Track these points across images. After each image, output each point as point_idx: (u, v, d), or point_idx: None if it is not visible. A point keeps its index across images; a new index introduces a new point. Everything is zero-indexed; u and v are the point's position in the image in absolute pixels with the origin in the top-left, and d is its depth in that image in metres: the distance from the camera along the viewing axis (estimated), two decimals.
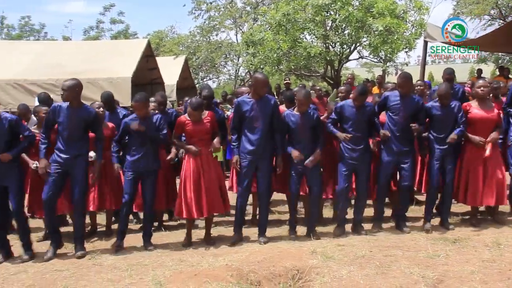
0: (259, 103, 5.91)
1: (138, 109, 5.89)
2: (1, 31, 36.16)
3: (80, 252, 5.67)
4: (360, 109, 6.07)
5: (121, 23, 36.30)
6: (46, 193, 5.61)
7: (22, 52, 12.50)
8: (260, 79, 5.92)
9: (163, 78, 15.07)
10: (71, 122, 5.62)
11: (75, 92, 5.66)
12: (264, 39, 13.26)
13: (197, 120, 5.86)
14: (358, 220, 6.27)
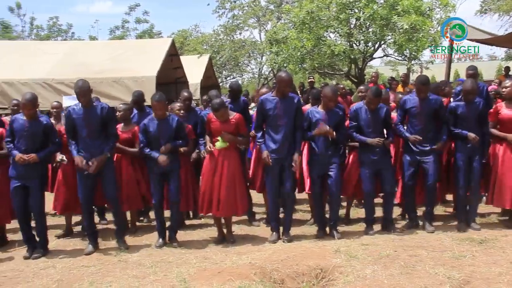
0: (283, 101, 5.89)
1: (157, 109, 5.92)
2: (31, 32, 36.87)
3: (123, 246, 5.87)
4: (374, 111, 6.05)
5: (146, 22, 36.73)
6: (82, 196, 5.76)
7: (50, 52, 12.70)
8: (284, 78, 5.88)
9: (187, 77, 15.15)
10: (86, 122, 5.70)
11: (90, 92, 5.75)
12: (288, 37, 13.24)
13: (223, 120, 5.86)
14: (388, 219, 6.24)
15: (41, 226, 5.86)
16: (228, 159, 5.85)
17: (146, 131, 5.94)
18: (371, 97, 6.03)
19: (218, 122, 5.85)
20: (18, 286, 4.81)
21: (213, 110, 5.83)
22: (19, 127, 5.68)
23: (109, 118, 5.82)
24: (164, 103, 5.96)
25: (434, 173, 6.09)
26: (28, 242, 5.83)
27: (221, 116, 5.82)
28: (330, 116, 5.96)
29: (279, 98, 5.90)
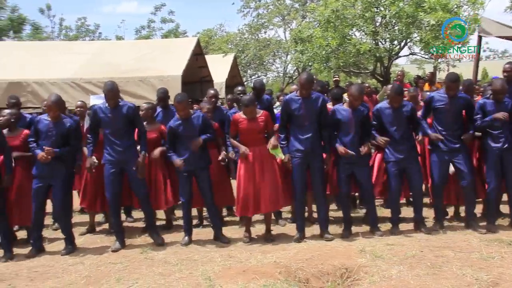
0: (307, 101, 5.89)
1: (180, 110, 5.96)
2: (60, 32, 37.56)
3: (159, 241, 5.98)
4: (397, 109, 5.99)
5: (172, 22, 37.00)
6: (109, 194, 5.86)
7: (78, 52, 12.90)
8: (304, 79, 5.88)
9: (212, 76, 15.22)
10: (112, 121, 5.80)
11: (117, 93, 5.85)
12: (313, 36, 13.18)
13: (251, 117, 5.87)
14: (419, 219, 6.18)
15: (65, 224, 5.97)
16: (263, 158, 5.87)
17: (172, 133, 6.00)
18: (393, 95, 5.98)
19: (246, 121, 5.86)
20: (48, 281, 4.91)
21: (244, 106, 5.82)
22: (44, 127, 5.80)
23: (135, 116, 5.91)
24: (186, 103, 6.00)
25: (469, 172, 5.99)
26: (35, 242, 5.91)
27: (250, 113, 5.83)
28: (356, 114, 5.94)
29: (303, 98, 5.90)
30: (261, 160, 5.86)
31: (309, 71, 11.80)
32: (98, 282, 4.82)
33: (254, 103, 5.88)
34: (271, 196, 5.84)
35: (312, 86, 6.06)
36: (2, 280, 4.99)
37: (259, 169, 5.82)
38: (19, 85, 10.88)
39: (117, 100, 5.85)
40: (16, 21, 31.65)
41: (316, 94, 6.07)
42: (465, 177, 5.98)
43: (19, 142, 6.10)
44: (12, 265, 5.46)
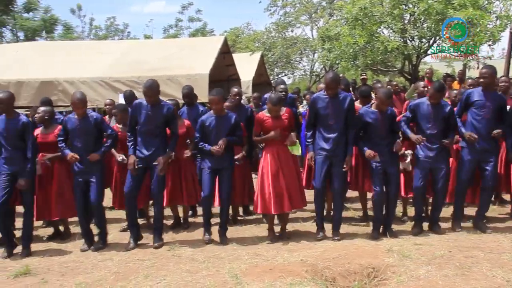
0: (334, 100, 5.87)
1: (214, 104, 6.00)
2: (90, 32, 38.22)
3: (157, 243, 5.90)
4: (436, 107, 5.89)
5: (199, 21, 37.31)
6: (127, 188, 5.90)
7: (108, 51, 13.11)
8: (329, 79, 5.85)
9: (239, 74, 15.28)
10: (150, 119, 5.84)
11: (157, 91, 5.86)
12: (340, 34, 13.14)
13: (276, 116, 5.88)
14: (435, 219, 6.10)
15: (100, 219, 6.06)
16: (285, 157, 5.88)
17: (203, 126, 6.02)
18: (433, 92, 5.88)
19: (270, 119, 5.86)
20: (79, 276, 5.01)
21: (272, 104, 5.78)
22: (72, 126, 5.90)
23: (173, 117, 5.94)
24: (221, 98, 6.02)
25: (494, 176, 5.92)
26: (86, 236, 6.06)
27: (276, 111, 5.83)
28: (384, 116, 5.89)
29: (330, 97, 5.88)
30: (285, 158, 5.86)
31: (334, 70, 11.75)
32: (127, 278, 4.89)
33: (282, 101, 5.89)
34: (293, 195, 5.84)
35: (338, 85, 6.01)
36: (35, 275, 5.11)
37: (282, 167, 5.82)
38: (51, 84, 11.11)
39: (157, 98, 5.86)
40: (49, 21, 32.38)
41: (344, 94, 6.04)
42: (489, 179, 5.92)
43: (54, 138, 6.23)
44: (45, 260, 5.58)
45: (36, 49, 13.86)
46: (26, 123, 5.87)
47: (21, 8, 30.36)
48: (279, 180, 5.80)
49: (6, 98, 5.78)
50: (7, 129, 5.78)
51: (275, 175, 5.80)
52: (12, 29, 31.66)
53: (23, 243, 5.93)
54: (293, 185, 5.86)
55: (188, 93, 7.19)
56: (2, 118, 5.85)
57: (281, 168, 5.82)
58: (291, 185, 5.84)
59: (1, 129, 5.79)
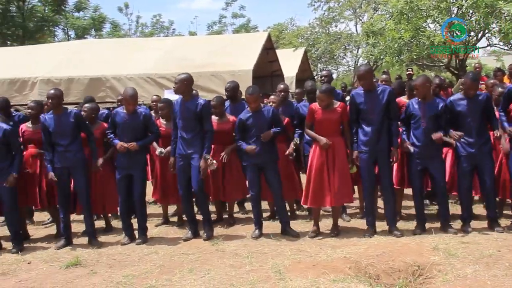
0: (371, 94, 5.83)
1: (251, 102, 6.02)
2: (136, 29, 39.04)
3: (206, 235, 6.03)
4: (473, 99, 5.74)
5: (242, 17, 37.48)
6: (179, 186, 6.03)
7: (153, 48, 13.33)
8: (361, 72, 5.88)
9: (283, 70, 15.25)
10: (184, 114, 5.94)
11: (185, 85, 5.96)
12: (385, 28, 12.91)
13: (327, 106, 5.82)
14: (492, 217, 5.95)
15: (142, 214, 6.19)
16: (338, 149, 5.83)
17: (242, 124, 6.07)
18: (468, 81, 5.75)
19: (321, 111, 5.80)
20: (126, 269, 5.14)
21: (320, 92, 5.76)
22: (120, 120, 6.05)
23: (205, 113, 5.97)
24: (257, 96, 6.04)
25: None
26: (127, 230, 6.19)
27: (324, 100, 5.76)
28: (429, 107, 5.77)
29: (367, 91, 5.85)
30: (333, 152, 5.80)
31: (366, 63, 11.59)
32: (172, 272, 4.97)
33: (331, 91, 5.89)
34: (340, 189, 5.79)
35: (371, 78, 5.94)
36: (84, 266, 5.28)
37: (331, 160, 5.78)
38: (99, 81, 11.41)
39: (186, 92, 5.96)
40: (97, 20, 33.29)
41: (383, 87, 5.99)
42: None
43: (98, 135, 6.42)
44: (94, 252, 5.75)
45: (85, 47, 14.26)
46: (81, 116, 6.17)
47: (72, 8, 31.35)
48: (324, 174, 5.76)
49: (56, 95, 6.00)
50: (58, 124, 5.98)
51: (321, 169, 5.77)
52: (63, 28, 32.79)
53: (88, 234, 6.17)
54: (340, 180, 5.78)
55: (232, 88, 7.21)
56: (49, 116, 6.03)
57: (329, 162, 5.77)
58: (338, 180, 5.76)
59: (53, 126, 5.97)
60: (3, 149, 5.85)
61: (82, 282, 4.83)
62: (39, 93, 11.11)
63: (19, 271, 5.25)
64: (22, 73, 11.70)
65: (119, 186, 6.10)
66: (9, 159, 5.89)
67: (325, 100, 5.79)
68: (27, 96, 11.21)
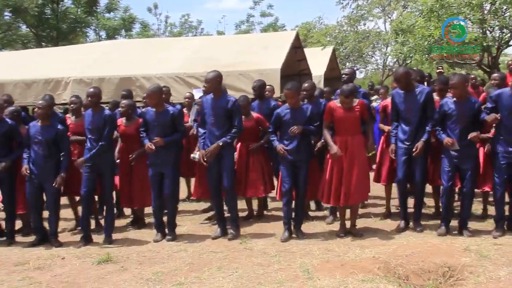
0: (409, 95, 5.90)
1: (289, 97, 6.02)
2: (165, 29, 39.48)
3: (231, 235, 6.03)
4: None
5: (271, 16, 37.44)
6: (209, 183, 6.09)
7: (182, 48, 13.42)
8: (397, 75, 6.00)
9: (311, 69, 15.19)
10: (215, 111, 5.97)
11: (217, 82, 5.99)
12: (415, 26, 12.76)
13: (348, 106, 5.82)
14: None
15: (172, 211, 6.27)
16: (357, 148, 5.83)
17: (279, 118, 6.05)
18: None
19: (341, 109, 5.81)
20: (156, 266, 5.21)
21: (345, 96, 5.74)
22: (150, 118, 6.14)
23: (236, 110, 6.01)
24: (295, 92, 6.01)
25: None
26: (159, 227, 6.27)
27: (348, 103, 5.77)
28: (464, 106, 5.69)
29: (405, 92, 5.92)
30: (352, 150, 5.78)
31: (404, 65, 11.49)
32: (201, 269, 5.02)
33: (354, 93, 5.88)
34: (358, 188, 5.77)
35: (409, 79, 5.96)
36: (115, 262, 5.38)
37: (349, 159, 5.76)
38: (129, 80, 11.54)
39: (218, 91, 5.99)
40: (127, 20, 33.75)
41: (422, 87, 6.03)
42: None
43: (134, 131, 6.53)
44: (124, 249, 5.85)
45: (115, 47, 14.46)
46: (113, 116, 6.34)
47: (103, 9, 31.85)
48: (340, 173, 5.75)
49: (95, 93, 6.20)
50: (93, 122, 6.14)
51: (337, 167, 5.76)
52: (95, 29, 33.40)
53: (106, 232, 6.27)
54: (358, 179, 5.76)
55: (259, 86, 7.22)
56: (89, 112, 6.24)
57: (349, 161, 5.75)
58: (356, 179, 5.74)
59: (88, 122, 6.16)
60: (53, 149, 6.06)
61: (113, 278, 4.92)
62: (71, 92, 11.26)
63: (54, 266, 5.39)
64: (56, 73, 11.93)
65: (152, 183, 6.18)
66: (57, 158, 6.09)
67: (350, 103, 5.78)
68: (60, 96, 11.44)
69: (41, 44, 27.10)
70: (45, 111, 6.10)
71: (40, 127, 6.10)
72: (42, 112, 6.09)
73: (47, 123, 6.12)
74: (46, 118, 6.12)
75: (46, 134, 6.05)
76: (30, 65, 12.75)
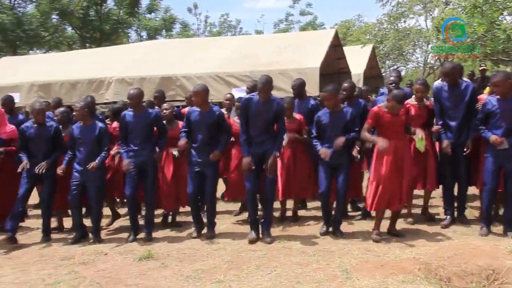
0: (454, 90, 5.93)
1: (327, 99, 5.97)
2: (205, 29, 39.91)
3: (268, 239, 5.95)
4: None
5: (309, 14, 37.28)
6: (248, 186, 6.04)
7: (221, 47, 13.51)
8: (446, 69, 6.03)
9: (350, 67, 15.06)
10: (263, 114, 5.91)
11: (271, 87, 5.93)
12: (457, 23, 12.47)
13: (396, 112, 5.64)
14: None
15: (212, 210, 6.34)
16: (405, 152, 5.73)
17: (318, 122, 6.04)
18: None
19: (388, 115, 5.63)
20: (195, 263, 5.28)
21: (398, 101, 5.54)
22: (194, 118, 6.18)
23: (280, 114, 5.96)
24: (332, 94, 5.94)
25: None
26: (197, 224, 6.35)
27: (398, 109, 5.62)
28: (508, 104, 5.56)
29: (450, 87, 5.94)
30: (399, 154, 5.67)
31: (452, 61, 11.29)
32: (239, 268, 5.05)
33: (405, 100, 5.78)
34: (396, 193, 5.66)
35: (456, 74, 5.99)
36: (156, 259, 5.48)
37: (396, 163, 5.63)
38: (170, 80, 11.71)
39: (269, 94, 5.92)
40: (168, 20, 34.27)
41: (466, 83, 6.02)
42: None
43: (176, 134, 6.55)
44: (164, 246, 5.95)
45: (156, 47, 14.69)
46: (159, 115, 6.45)
47: (144, 10, 32.44)
48: (394, 178, 5.61)
49: (137, 94, 6.30)
50: (137, 122, 6.25)
51: (391, 173, 5.61)
52: (136, 29, 34.07)
53: (146, 229, 6.38)
54: (407, 183, 5.68)
55: (298, 85, 7.18)
56: (129, 113, 6.33)
57: (396, 164, 5.62)
58: (406, 183, 5.66)
59: (132, 123, 6.26)
60: (95, 148, 6.24)
61: (154, 274, 5.01)
62: (114, 92, 11.58)
63: (97, 262, 5.53)
64: (99, 73, 12.22)
65: (191, 182, 6.22)
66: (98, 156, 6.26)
67: (399, 108, 5.62)
68: (103, 96, 11.71)
69: (85, 45, 27.90)
70: (81, 113, 6.28)
71: (83, 128, 6.29)
72: (78, 114, 6.33)
73: (89, 123, 6.30)
74: (85, 119, 6.31)
75: (88, 134, 6.24)
76: (74, 66, 13.13)
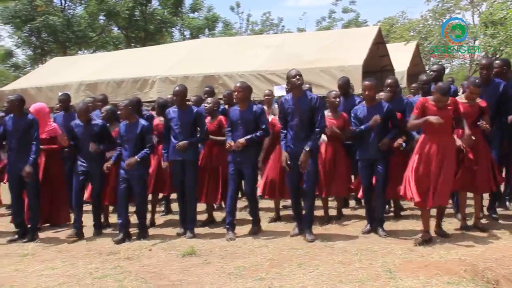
0: (487, 88, 5.97)
1: (366, 89, 5.98)
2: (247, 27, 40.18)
3: (310, 237, 5.92)
4: None
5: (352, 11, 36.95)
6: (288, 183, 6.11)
7: (263, 45, 13.53)
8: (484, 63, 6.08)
9: (393, 64, 14.82)
10: (299, 110, 5.90)
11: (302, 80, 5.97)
12: (507, 18, 12.12)
13: (442, 105, 5.46)
14: None
15: (253, 207, 6.40)
16: (448, 150, 5.50)
17: (356, 117, 6.06)
18: None
19: (435, 108, 5.44)
20: (237, 260, 5.33)
21: (442, 94, 5.38)
22: (234, 117, 6.27)
23: (318, 107, 5.92)
24: (371, 85, 5.96)
25: None
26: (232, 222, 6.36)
27: (444, 102, 5.44)
28: None
29: (484, 85, 5.92)
30: (443, 151, 5.45)
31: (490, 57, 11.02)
32: (281, 265, 5.06)
33: (449, 92, 5.66)
34: (442, 191, 5.45)
35: (490, 71, 6.07)
36: (199, 256, 5.56)
37: (439, 160, 5.43)
38: (212, 78, 11.82)
39: (300, 89, 5.95)
40: (211, 19, 34.66)
41: (498, 80, 6.01)
42: None
43: (214, 128, 6.78)
44: (207, 243, 6.02)
45: (199, 46, 14.86)
46: (201, 112, 6.54)
47: (187, 9, 32.89)
48: (431, 174, 5.44)
49: (181, 91, 6.43)
50: (181, 118, 6.36)
51: (428, 169, 5.44)
52: (180, 28, 34.55)
53: (188, 226, 6.47)
54: (444, 182, 5.45)
55: (343, 84, 7.18)
56: (174, 109, 6.47)
57: (438, 161, 5.42)
58: (442, 181, 5.43)
59: (175, 119, 6.38)
60: (140, 145, 6.38)
61: (196, 270, 5.08)
62: (158, 90, 11.77)
63: (141, 257, 5.66)
64: (143, 72, 12.46)
65: (230, 179, 6.29)
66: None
67: (446, 101, 5.42)
68: (147, 94, 11.94)
69: (130, 45, 28.54)
70: (124, 111, 6.45)
71: (128, 126, 6.45)
72: (122, 112, 6.49)
73: (133, 120, 6.45)
74: (129, 117, 6.46)
75: (132, 132, 6.39)
76: (120, 65, 13.45)
